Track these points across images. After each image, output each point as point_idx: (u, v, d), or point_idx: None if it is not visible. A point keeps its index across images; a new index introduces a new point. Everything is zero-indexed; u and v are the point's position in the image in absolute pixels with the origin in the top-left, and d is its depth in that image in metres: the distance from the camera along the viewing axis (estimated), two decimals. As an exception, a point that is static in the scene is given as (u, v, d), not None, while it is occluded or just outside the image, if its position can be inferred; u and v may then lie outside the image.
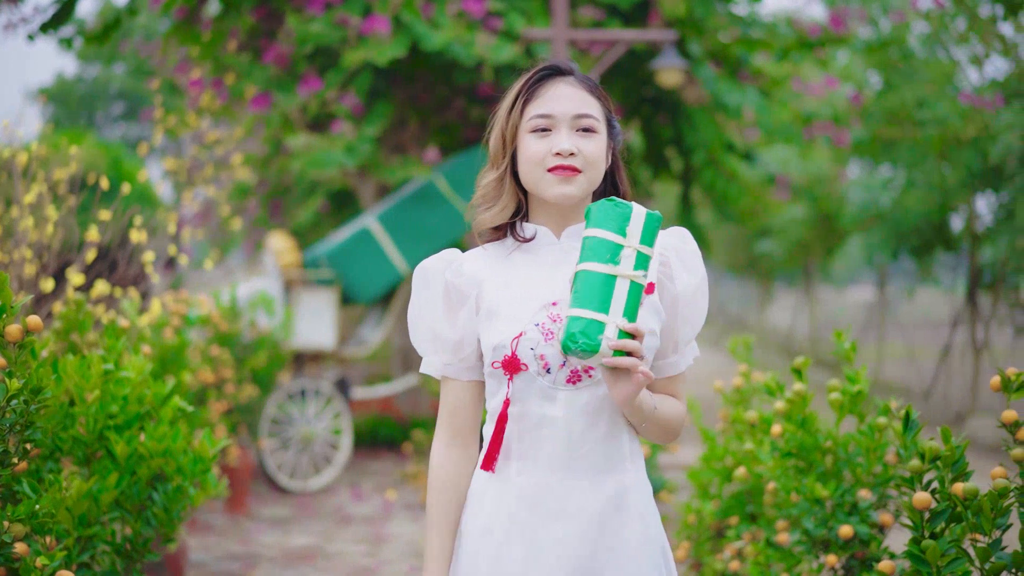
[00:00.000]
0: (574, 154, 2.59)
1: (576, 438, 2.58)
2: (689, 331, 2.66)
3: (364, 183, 11.76)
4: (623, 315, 2.42)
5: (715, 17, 11.26)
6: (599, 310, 2.42)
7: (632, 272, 2.43)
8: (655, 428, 2.61)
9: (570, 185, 2.60)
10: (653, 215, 2.49)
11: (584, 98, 2.64)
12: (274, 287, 9.88)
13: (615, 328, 2.41)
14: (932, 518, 2.98)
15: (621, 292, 2.43)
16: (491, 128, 2.74)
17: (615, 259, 2.44)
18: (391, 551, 7.89)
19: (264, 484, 9.93)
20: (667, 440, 2.70)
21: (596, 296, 2.43)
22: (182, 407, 4.00)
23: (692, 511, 5.07)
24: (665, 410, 2.62)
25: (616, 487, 2.60)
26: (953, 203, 16.26)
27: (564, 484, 2.58)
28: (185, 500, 3.85)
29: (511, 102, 2.68)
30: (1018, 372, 3.10)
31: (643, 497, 2.65)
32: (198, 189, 12.12)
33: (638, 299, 2.44)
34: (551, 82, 2.66)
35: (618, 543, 2.58)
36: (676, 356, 2.68)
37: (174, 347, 6.94)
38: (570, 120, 2.61)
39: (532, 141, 2.62)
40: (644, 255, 2.46)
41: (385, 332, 10.60)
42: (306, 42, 10.27)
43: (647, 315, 2.58)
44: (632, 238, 2.45)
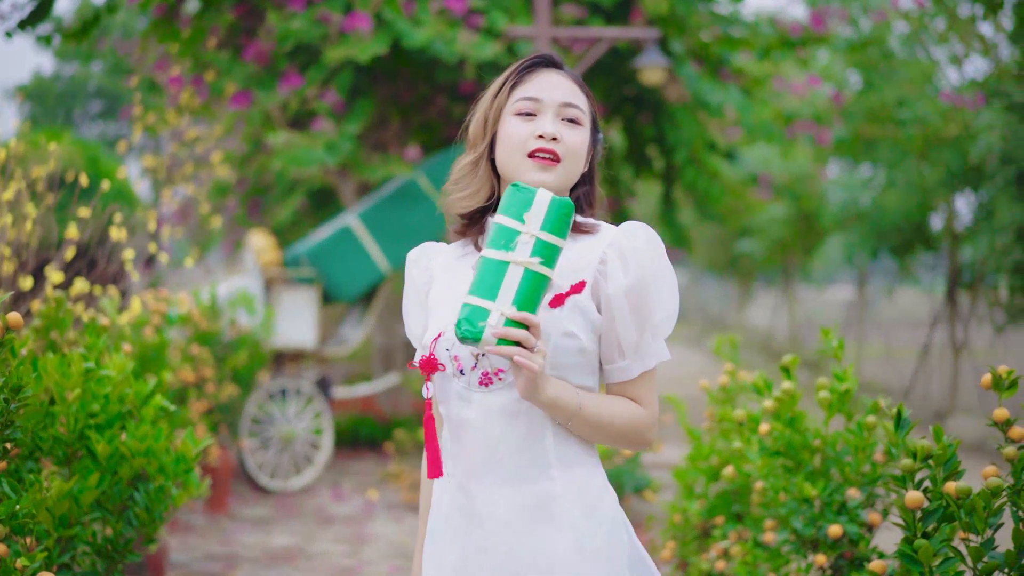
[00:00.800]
0: (557, 139, 2.53)
1: (493, 443, 2.51)
2: (633, 334, 2.51)
3: (345, 181, 11.70)
4: (512, 303, 2.34)
5: (697, 15, 11.24)
6: (486, 297, 2.35)
7: (527, 259, 2.35)
8: (590, 430, 2.50)
9: (548, 173, 2.54)
10: (560, 201, 2.40)
11: (573, 89, 2.60)
12: (255, 285, 9.82)
13: (499, 315, 2.33)
14: (924, 517, 2.96)
15: (513, 279, 2.36)
16: (472, 113, 2.68)
17: (510, 245, 2.37)
18: (373, 551, 7.85)
19: (244, 484, 9.87)
20: (624, 445, 2.58)
21: (487, 283, 2.36)
22: (164, 406, 3.95)
23: (678, 510, 5.04)
24: (604, 411, 2.50)
25: (539, 495, 2.49)
26: (933, 202, 16.31)
27: (487, 490, 2.51)
28: (167, 500, 3.80)
29: (498, 86, 2.64)
30: (1009, 370, 3.07)
31: (576, 507, 2.50)
32: (177, 187, 12.04)
33: (535, 287, 2.35)
34: (541, 70, 2.63)
35: (543, 556, 2.47)
36: (624, 361, 2.53)
37: (154, 346, 6.89)
38: (557, 107, 2.56)
39: (515, 123, 2.57)
40: (546, 243, 2.37)
41: (366, 331, 10.55)
42: (287, 39, 10.22)
43: (569, 314, 2.49)
44: (531, 224, 2.38)
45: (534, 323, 2.35)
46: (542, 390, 2.41)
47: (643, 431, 2.55)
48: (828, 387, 3.84)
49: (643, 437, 2.56)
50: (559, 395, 2.44)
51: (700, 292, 40.89)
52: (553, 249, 2.38)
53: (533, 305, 2.36)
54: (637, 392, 2.56)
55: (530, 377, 2.37)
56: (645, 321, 2.50)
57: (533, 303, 2.36)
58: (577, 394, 2.47)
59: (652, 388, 2.57)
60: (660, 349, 2.55)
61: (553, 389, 2.43)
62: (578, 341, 2.48)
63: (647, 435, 2.57)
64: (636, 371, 2.53)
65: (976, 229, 15.31)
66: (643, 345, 2.52)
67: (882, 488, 3.86)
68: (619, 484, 7.80)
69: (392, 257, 10.21)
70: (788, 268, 25.32)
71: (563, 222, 2.39)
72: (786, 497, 3.86)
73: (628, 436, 2.54)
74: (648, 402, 2.57)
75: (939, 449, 2.98)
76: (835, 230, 19.41)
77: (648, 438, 2.57)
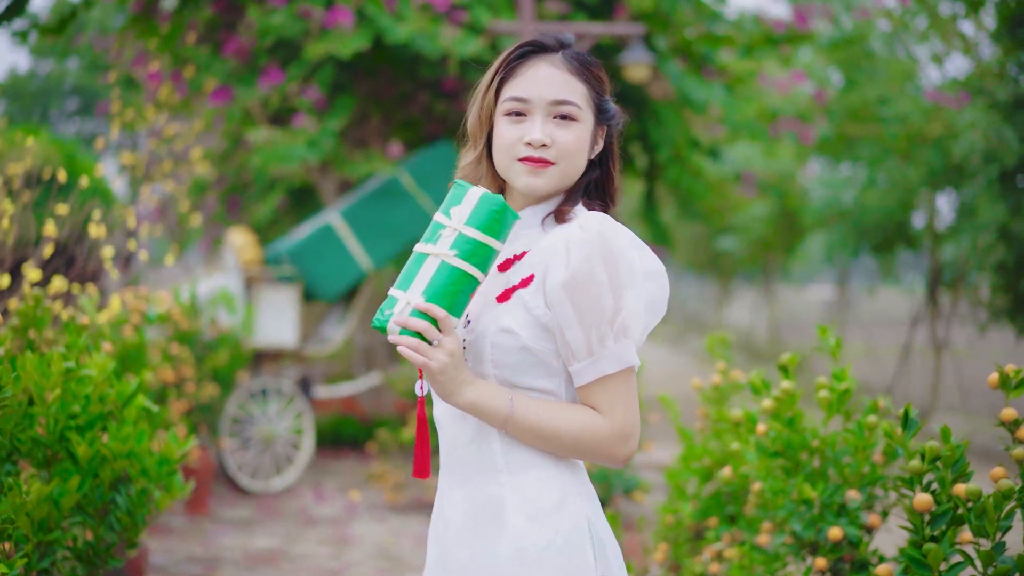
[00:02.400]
0: (546, 145, 2.40)
1: (449, 442, 2.46)
2: (578, 333, 2.32)
3: (325, 179, 11.60)
4: (422, 293, 2.28)
5: (681, 12, 11.19)
6: (401, 287, 2.32)
7: (444, 251, 2.29)
8: (533, 439, 2.35)
9: (538, 177, 2.42)
10: (489, 198, 2.32)
11: (566, 81, 2.43)
12: (235, 284, 9.72)
13: (406, 305, 2.29)
14: (933, 520, 2.88)
15: (428, 271, 2.30)
16: (471, 104, 2.55)
17: (433, 238, 2.33)
18: (356, 553, 7.75)
19: (225, 485, 9.75)
20: (583, 458, 2.39)
21: (406, 274, 2.33)
22: (147, 407, 3.85)
23: (670, 512, 4.96)
24: (545, 420, 2.34)
25: (489, 500, 2.39)
26: (915, 201, 16.31)
27: (448, 492, 2.47)
28: (150, 504, 3.70)
29: (488, 79, 2.49)
30: (1017, 369, 2.99)
31: (522, 514, 2.36)
32: (156, 185, 11.91)
33: (450, 281, 2.29)
34: (532, 61, 2.46)
35: (486, 563, 2.37)
36: (578, 364, 2.34)
37: (134, 345, 6.78)
38: (546, 106, 2.41)
39: (505, 125, 2.44)
40: (468, 238, 2.30)
41: (348, 330, 10.46)
42: (267, 34, 10.12)
43: (510, 308, 2.37)
44: (456, 219, 2.32)
45: (439, 316, 2.27)
46: (455, 391, 2.32)
47: (601, 443, 2.36)
48: (828, 386, 3.76)
49: (603, 450, 2.36)
50: (480, 399, 2.33)
51: (679, 291, 40.92)
52: (478, 246, 2.30)
53: (446, 299, 2.29)
54: (596, 399, 2.36)
55: (427, 374, 2.29)
56: (593, 318, 2.32)
57: (446, 296, 2.29)
58: (510, 400, 2.34)
59: (616, 397, 2.36)
60: (621, 353, 2.34)
61: (473, 392, 2.33)
62: (517, 338, 2.36)
63: (608, 448, 2.36)
64: (589, 375, 2.35)
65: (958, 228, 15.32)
66: (596, 346, 2.33)
67: (881, 489, 3.79)
68: (608, 485, 7.73)
69: (374, 255, 10.12)
70: (768, 267, 25.32)
71: (492, 219, 2.31)
72: (784, 499, 3.78)
73: (582, 448, 2.36)
74: (610, 412, 2.36)
75: (947, 450, 2.90)
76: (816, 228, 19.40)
77: (611, 451, 2.37)
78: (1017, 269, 12.05)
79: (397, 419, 11.40)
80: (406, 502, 9.36)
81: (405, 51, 10.37)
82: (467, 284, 2.31)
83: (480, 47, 9.77)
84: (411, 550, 7.84)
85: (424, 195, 10.29)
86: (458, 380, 2.32)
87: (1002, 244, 11.92)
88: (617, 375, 2.35)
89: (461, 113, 11.73)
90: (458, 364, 2.32)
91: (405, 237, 10.30)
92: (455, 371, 2.31)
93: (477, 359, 2.40)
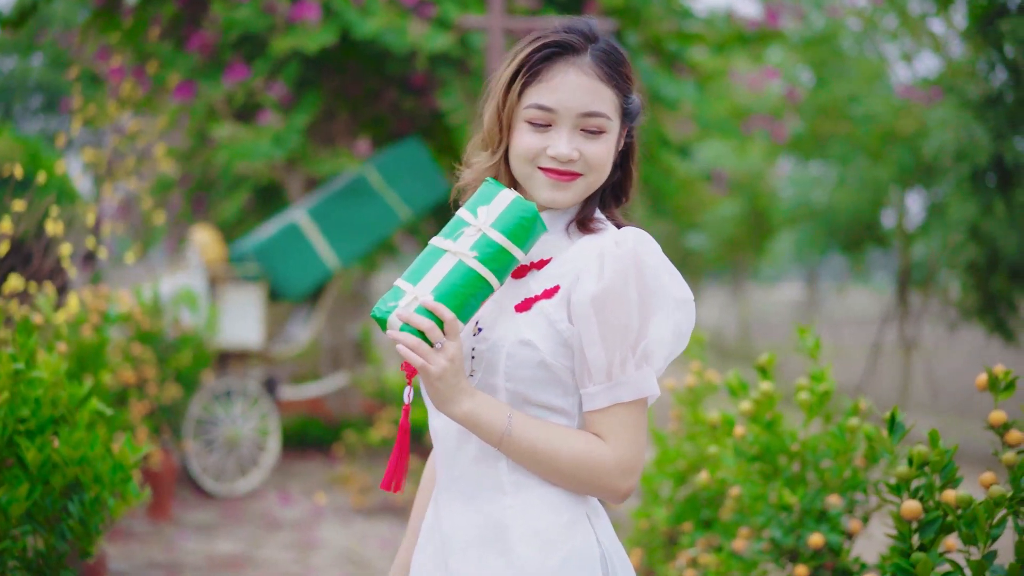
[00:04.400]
0: (573, 160, 2.24)
1: (450, 456, 2.31)
2: (601, 354, 2.17)
3: (291, 176, 11.44)
4: (432, 291, 2.13)
5: (652, 8, 11.08)
6: (410, 280, 2.16)
7: (464, 251, 2.15)
8: (528, 462, 2.20)
9: (563, 192, 2.26)
10: (521, 204, 2.17)
11: (596, 90, 2.25)
12: (199, 283, 9.57)
13: (412, 299, 2.13)
14: (921, 528, 2.76)
15: (442, 268, 2.15)
16: (486, 96, 2.37)
17: (454, 235, 2.18)
18: (322, 558, 7.61)
19: (188, 488, 9.58)
20: (579, 489, 2.23)
21: (417, 267, 2.18)
22: (100, 410, 3.69)
23: (644, 516, 4.85)
24: (543, 441, 2.19)
25: (491, 520, 2.24)
26: (885, 200, 16.32)
27: (446, 507, 2.31)
28: (104, 512, 3.55)
29: (509, 78, 2.29)
30: (1007, 371, 2.89)
31: (525, 538, 2.22)
32: (119, 182, 11.73)
33: (464, 283, 2.14)
34: (559, 65, 2.26)
35: None
36: (593, 387, 2.20)
37: (93, 345, 6.61)
38: (574, 118, 2.24)
39: (527, 133, 2.27)
40: (491, 240, 2.15)
41: (314, 330, 10.33)
42: (232, 29, 9.96)
43: (531, 320, 2.22)
44: (483, 219, 2.17)
45: (446, 317, 2.11)
46: (451, 400, 2.16)
47: (602, 475, 2.20)
48: (808, 388, 3.64)
49: (602, 481, 2.21)
50: (476, 411, 2.17)
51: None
52: (499, 251, 2.16)
53: (456, 300, 2.14)
54: (604, 426, 2.21)
55: (424, 378, 2.14)
56: (617, 339, 2.17)
57: (457, 297, 2.14)
58: (508, 416, 2.19)
59: (626, 427, 2.20)
60: (641, 381, 2.19)
61: (470, 404, 2.17)
62: (536, 352, 2.20)
63: (608, 480, 2.21)
64: (604, 401, 2.20)
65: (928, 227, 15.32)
66: (616, 370, 2.18)
67: (861, 493, 3.69)
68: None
69: (341, 254, 9.98)
70: (737, 266, 25.32)
71: (520, 226, 2.17)
72: (763, 504, 3.66)
73: (580, 477, 2.20)
74: (616, 442, 2.21)
75: (936, 455, 2.79)
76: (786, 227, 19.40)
77: (611, 484, 2.21)
78: (988, 268, 12.02)
79: (364, 421, 11.26)
80: (373, 506, 9.22)
81: (372, 46, 10.23)
82: (481, 289, 2.17)
83: (449, 42, 9.64)
84: (378, 554, 7.71)
85: (392, 193, 10.16)
86: (456, 388, 2.16)
87: (973, 243, 11.89)
88: (631, 404, 2.21)
89: (430, 109, 11.58)
90: (458, 372, 2.16)
91: (373, 235, 10.19)
92: (454, 378, 2.15)
93: (490, 370, 2.24)
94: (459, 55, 10.09)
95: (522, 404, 2.24)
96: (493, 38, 9.05)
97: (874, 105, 14.94)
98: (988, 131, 11.45)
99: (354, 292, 13.15)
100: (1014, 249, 11.36)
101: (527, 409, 2.25)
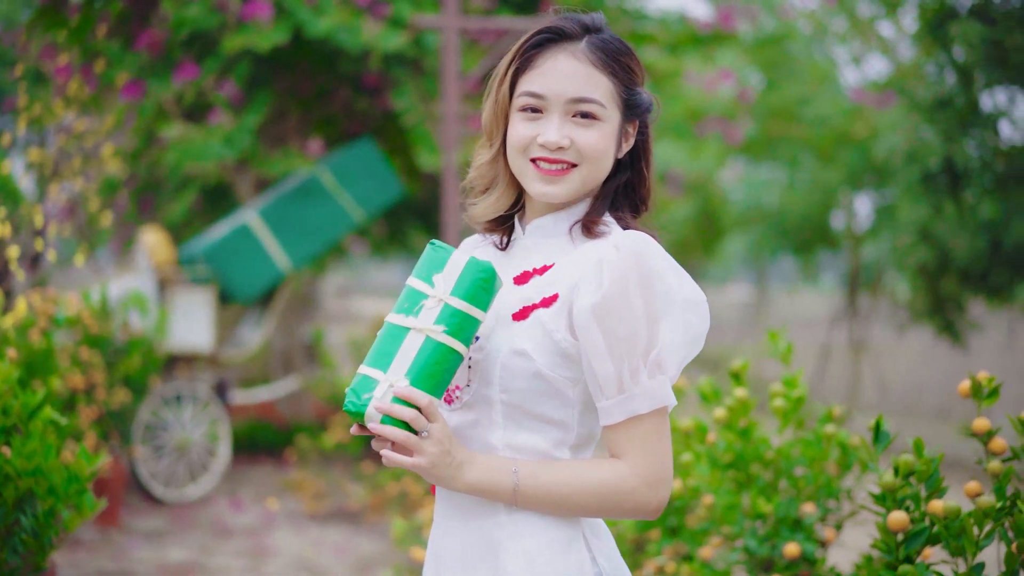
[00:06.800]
0: (563, 147, 2.15)
1: None
2: (609, 365, 2.08)
3: (242, 177, 11.29)
4: (405, 374, 2.03)
5: (607, 8, 11.05)
6: (379, 366, 2.06)
7: (428, 326, 2.05)
8: (549, 509, 2.12)
9: (554, 185, 2.17)
10: (478, 265, 2.07)
11: (589, 76, 2.17)
12: (147, 286, 9.41)
13: (388, 388, 2.03)
14: (907, 540, 2.70)
15: (410, 348, 2.05)
16: (486, 96, 2.28)
17: (414, 310, 2.07)
18: (275, 566, 7.49)
19: (137, 494, 9.40)
20: (609, 516, 2.15)
21: (382, 350, 2.07)
22: (54, 419, 3.56)
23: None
24: (557, 485, 2.10)
25: (485, 538, 2.16)
26: (835, 202, 16.41)
27: (443, 521, 2.23)
28: (57, 524, 3.43)
29: (504, 68, 2.23)
30: (990, 377, 2.84)
31: (519, 559, 2.14)
32: (65, 183, 11.52)
33: (437, 360, 2.05)
34: (552, 51, 2.19)
35: None
36: (606, 400, 2.10)
37: (41, 350, 6.45)
38: (564, 104, 2.16)
39: (519, 122, 2.19)
40: (455, 310, 2.05)
41: (266, 333, 10.19)
42: (182, 27, 9.81)
43: (527, 329, 2.12)
44: (440, 288, 2.07)
45: (423, 403, 2.02)
46: (452, 478, 2.08)
47: (628, 497, 2.11)
48: (782, 394, 3.58)
49: (630, 503, 2.12)
50: (481, 478, 2.09)
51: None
52: (465, 319, 2.06)
53: (431, 380, 2.04)
54: (624, 441, 2.11)
55: (419, 471, 2.06)
56: (625, 350, 2.08)
57: (432, 378, 2.04)
58: (514, 471, 2.10)
59: (648, 439, 2.11)
60: (656, 390, 2.09)
61: (472, 474, 2.09)
62: (531, 363, 2.11)
63: (636, 500, 2.11)
64: (619, 415, 2.10)
65: (877, 229, 15.41)
66: (628, 382, 2.08)
67: (834, 501, 3.64)
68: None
69: (293, 256, 9.86)
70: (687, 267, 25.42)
71: (480, 288, 2.07)
72: (736, 513, 3.59)
73: (607, 506, 2.12)
74: (638, 456, 2.11)
75: (922, 465, 2.73)
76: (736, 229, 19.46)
77: (641, 503, 2.12)
78: (938, 270, 12.09)
79: (317, 425, 11.13)
80: (326, 511, 9.09)
81: (325, 45, 10.10)
82: (454, 361, 2.08)
83: (403, 42, 9.54)
84: (332, 561, 7.59)
85: (345, 194, 10.06)
86: (453, 467, 2.08)
87: (923, 245, 11.96)
88: (650, 415, 2.10)
89: (383, 110, 11.46)
90: (449, 451, 2.08)
91: (325, 237, 10.09)
92: (448, 457, 2.07)
93: (484, 381, 2.15)
94: (413, 55, 10.00)
95: (518, 416, 2.16)
96: (448, 38, 8.96)
97: (825, 108, 15.01)
98: (938, 133, 11.52)
99: (305, 295, 13.01)
100: (964, 251, 11.42)
101: (522, 421, 2.16)
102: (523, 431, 2.17)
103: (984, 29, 10.83)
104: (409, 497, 8.16)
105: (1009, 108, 11.91)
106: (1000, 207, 11.21)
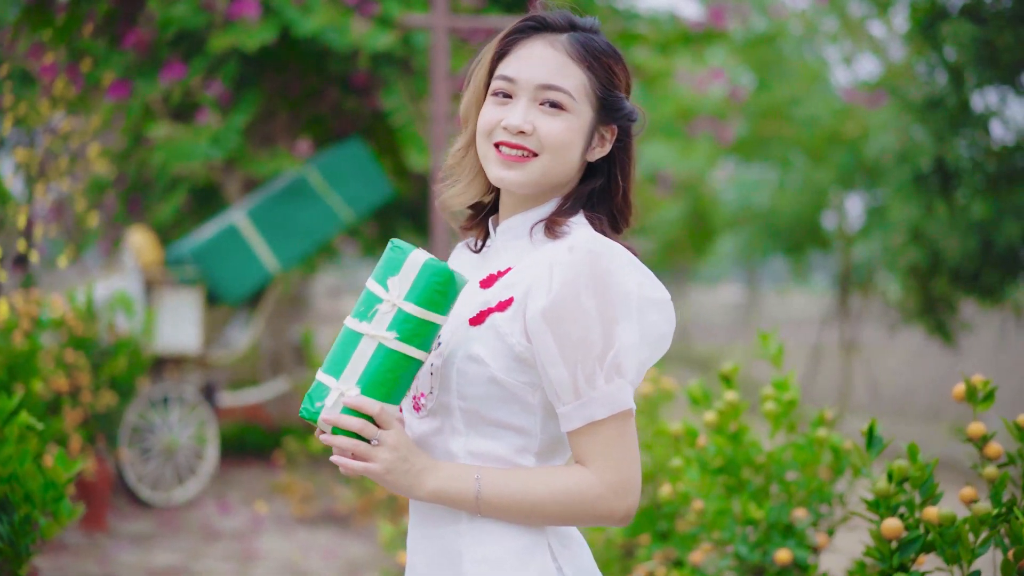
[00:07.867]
0: (525, 132, 2.10)
1: None
2: (563, 371, 2.02)
3: (230, 177, 11.23)
4: (357, 382, 1.99)
5: (597, 7, 11.00)
6: (332, 372, 2.01)
7: (382, 333, 1.99)
8: (513, 517, 2.07)
9: (511, 170, 2.12)
10: (434, 268, 2.01)
11: (562, 65, 2.12)
12: (134, 287, 9.35)
13: (338, 397, 1.99)
14: (902, 547, 2.64)
15: (363, 354, 2.00)
16: (466, 84, 2.25)
17: (368, 315, 2.02)
18: (263, 569, 7.43)
19: (124, 498, 9.33)
20: (576, 524, 2.10)
21: (337, 356, 2.02)
22: (31, 424, 3.49)
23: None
24: (519, 494, 2.05)
25: (446, 547, 2.12)
26: (826, 202, 16.38)
27: (413, 529, 2.18)
28: (35, 533, 3.36)
29: (484, 54, 2.21)
30: (985, 380, 2.78)
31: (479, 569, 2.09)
32: (51, 183, 11.46)
33: (389, 367, 2.00)
34: (532, 39, 2.16)
35: None
36: (564, 407, 2.05)
37: (24, 352, 6.39)
38: (532, 90, 2.12)
39: (489, 106, 2.15)
40: (409, 315, 2.00)
41: (254, 334, 10.13)
42: (169, 26, 9.75)
43: (482, 334, 2.07)
44: (394, 292, 2.01)
45: (373, 411, 1.98)
46: (412, 486, 2.04)
47: (593, 504, 2.06)
48: (774, 397, 3.52)
49: (596, 511, 2.07)
50: (442, 487, 2.05)
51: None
52: (420, 324, 2.00)
53: (385, 387, 2.00)
54: (586, 448, 2.06)
55: (373, 478, 2.02)
56: (579, 354, 2.02)
57: (385, 384, 1.99)
58: (476, 479, 2.05)
59: (610, 445, 2.05)
60: (613, 395, 2.03)
61: (433, 480, 2.05)
62: (485, 368, 2.07)
63: (601, 507, 2.07)
64: (577, 421, 2.05)
65: (868, 229, 15.38)
66: (583, 387, 2.03)
67: (826, 506, 3.58)
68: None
69: (281, 256, 9.80)
70: (678, 267, 25.35)
71: (435, 292, 2.01)
72: (727, 518, 3.54)
73: (573, 513, 2.07)
74: (601, 462, 2.06)
75: (916, 470, 2.67)
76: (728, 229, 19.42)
77: (607, 510, 2.07)
78: (929, 270, 12.05)
79: (305, 427, 11.05)
80: (315, 515, 9.04)
81: (313, 45, 10.04)
82: (409, 368, 2.03)
83: (391, 41, 9.48)
84: (320, 565, 7.53)
85: (334, 194, 10.00)
86: (411, 474, 2.04)
87: (914, 245, 11.92)
88: (610, 420, 2.04)
89: (372, 109, 11.41)
90: (406, 456, 2.03)
91: (314, 238, 10.03)
92: (404, 464, 2.03)
93: (443, 388, 2.10)
94: (402, 54, 9.94)
95: (477, 423, 2.11)
96: (437, 37, 8.90)
97: (816, 108, 14.98)
98: (929, 133, 11.48)
99: (294, 295, 12.94)
100: (955, 251, 11.38)
101: (482, 428, 2.12)
102: (483, 438, 2.12)
103: (975, 29, 10.79)
104: (397, 501, 8.10)
105: (1000, 108, 11.88)
106: (991, 207, 11.17)
